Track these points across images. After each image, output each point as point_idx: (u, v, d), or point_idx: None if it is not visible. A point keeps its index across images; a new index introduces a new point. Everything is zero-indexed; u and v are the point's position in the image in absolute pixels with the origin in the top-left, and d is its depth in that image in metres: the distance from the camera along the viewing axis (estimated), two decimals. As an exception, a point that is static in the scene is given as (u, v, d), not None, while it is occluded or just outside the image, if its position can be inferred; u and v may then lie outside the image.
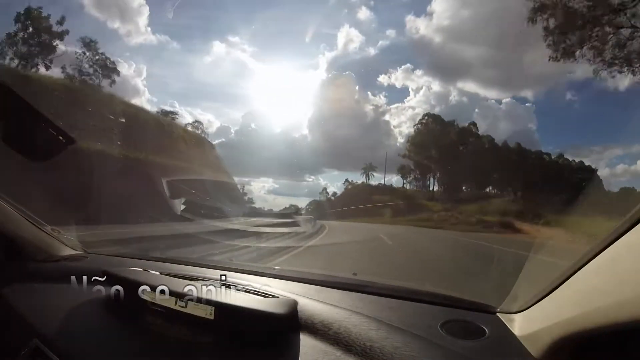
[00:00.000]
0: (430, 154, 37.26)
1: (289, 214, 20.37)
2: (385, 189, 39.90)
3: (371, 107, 42.52)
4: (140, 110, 20.32)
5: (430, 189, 39.53)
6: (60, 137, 1.05)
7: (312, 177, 48.53)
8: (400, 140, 40.01)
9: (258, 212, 18.67)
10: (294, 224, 13.98)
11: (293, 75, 47.72)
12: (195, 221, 8.72)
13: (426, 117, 37.85)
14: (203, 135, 29.87)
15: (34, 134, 1.07)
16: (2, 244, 1.25)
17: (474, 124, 37.17)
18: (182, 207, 8.60)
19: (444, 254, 9.28)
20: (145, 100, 31.24)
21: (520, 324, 0.87)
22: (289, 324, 0.90)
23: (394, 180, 40.65)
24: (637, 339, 0.63)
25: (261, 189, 44.33)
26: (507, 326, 0.90)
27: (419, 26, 44.58)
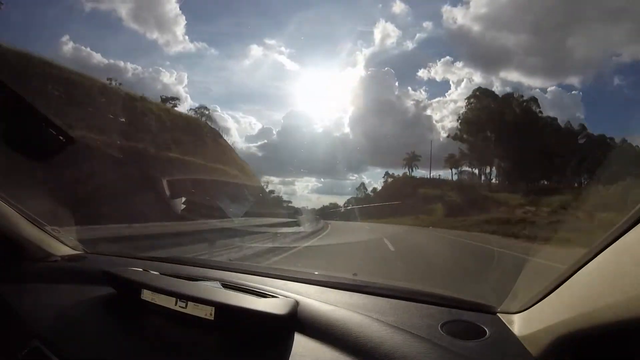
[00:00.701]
0: (486, 135, 36.23)
1: (291, 214, 20.53)
2: (434, 181, 39.29)
3: (412, 102, 43.74)
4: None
5: (487, 179, 38.29)
6: (60, 137, 1.28)
7: (355, 175, 51.90)
8: (444, 135, 41.84)
9: (257, 212, 18.80)
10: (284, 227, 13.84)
11: (331, 74, 51.06)
12: (185, 219, 9.38)
13: (477, 92, 37.43)
14: (206, 121, 29.99)
15: (34, 133, 1.29)
16: (2, 244, 1.47)
17: (535, 99, 36.34)
18: (174, 204, 9.23)
19: None
20: (188, 107, 36.64)
21: (520, 324, 1.01)
22: (289, 325, 1.05)
23: (441, 174, 40.97)
24: (637, 339, 0.74)
25: (305, 188, 48.33)
26: (507, 326, 1.03)
27: (456, 16, 46.37)
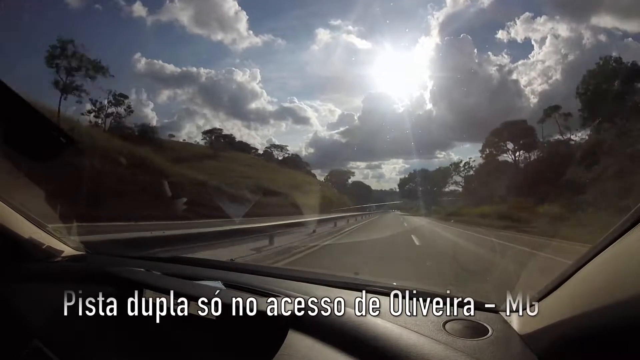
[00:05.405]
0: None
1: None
2: None
3: (494, 68, 41.62)
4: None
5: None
6: (61, 138, 1.28)
7: (443, 152, 51.49)
8: (534, 100, 35.80)
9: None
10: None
11: (406, 48, 49.86)
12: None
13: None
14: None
15: (34, 133, 1.30)
16: (2, 244, 1.45)
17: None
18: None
19: None
20: (266, 102, 37.68)
21: (522, 323, 1.01)
22: (290, 324, 1.06)
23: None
24: (638, 337, 0.74)
25: (392, 171, 48.64)
26: (509, 325, 1.04)
27: (529, -45, 41.65)
